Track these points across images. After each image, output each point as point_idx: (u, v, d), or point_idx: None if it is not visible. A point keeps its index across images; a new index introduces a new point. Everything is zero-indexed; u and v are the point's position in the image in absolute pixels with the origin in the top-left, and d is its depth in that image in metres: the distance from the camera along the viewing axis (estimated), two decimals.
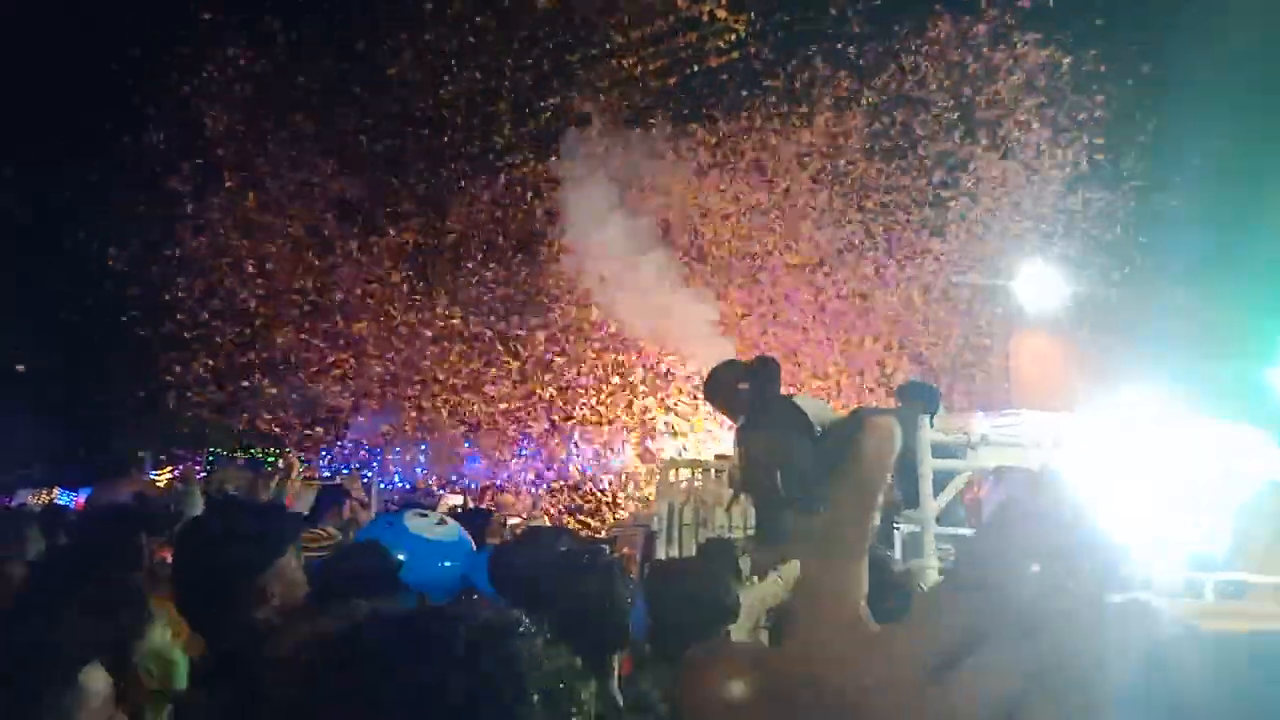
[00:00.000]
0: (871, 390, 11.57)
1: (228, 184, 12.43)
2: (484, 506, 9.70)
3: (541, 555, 2.55)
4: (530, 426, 11.76)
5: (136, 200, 12.42)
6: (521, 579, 2.50)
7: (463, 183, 12.27)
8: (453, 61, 12.32)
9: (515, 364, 11.81)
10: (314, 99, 12.32)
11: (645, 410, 11.38)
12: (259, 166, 12.45)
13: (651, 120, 11.49)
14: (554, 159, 11.54)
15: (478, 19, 12.13)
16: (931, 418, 5.12)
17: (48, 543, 3.52)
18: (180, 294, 12.87)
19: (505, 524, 7.14)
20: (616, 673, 2.44)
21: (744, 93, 11.75)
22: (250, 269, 12.70)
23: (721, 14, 11.52)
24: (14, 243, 15.68)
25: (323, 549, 3.82)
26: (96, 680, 1.69)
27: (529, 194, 11.99)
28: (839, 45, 11.95)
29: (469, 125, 12.42)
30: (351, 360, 12.79)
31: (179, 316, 12.88)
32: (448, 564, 3.74)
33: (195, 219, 12.59)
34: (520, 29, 12.17)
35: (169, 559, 3.37)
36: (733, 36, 11.62)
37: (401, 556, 3.35)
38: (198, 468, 14.57)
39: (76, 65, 14.09)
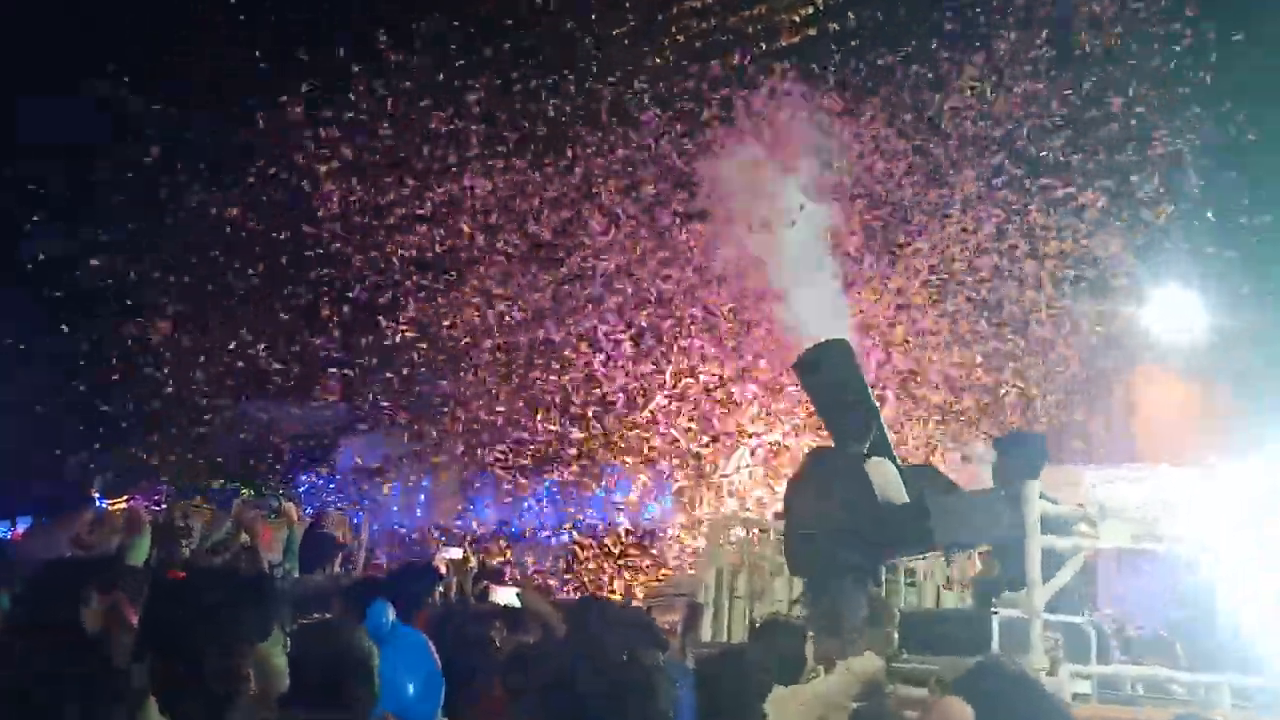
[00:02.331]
0: (972, 425, 11.49)
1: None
2: (493, 564, 9.68)
3: (573, 665, 2.56)
4: (552, 463, 11.77)
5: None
6: (544, 694, 2.53)
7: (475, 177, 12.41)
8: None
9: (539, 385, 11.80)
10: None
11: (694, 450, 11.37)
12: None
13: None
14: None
15: None
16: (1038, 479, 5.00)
17: None
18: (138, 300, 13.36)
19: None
20: None
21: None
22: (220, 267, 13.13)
23: None
24: None
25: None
26: None
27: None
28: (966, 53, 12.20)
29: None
30: (344, 376, 12.85)
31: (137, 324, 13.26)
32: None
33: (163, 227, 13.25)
34: None
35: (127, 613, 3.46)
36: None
37: None
38: (157, 499, 14.78)
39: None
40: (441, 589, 6.15)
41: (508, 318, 11.81)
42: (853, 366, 5.90)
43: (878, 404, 6.24)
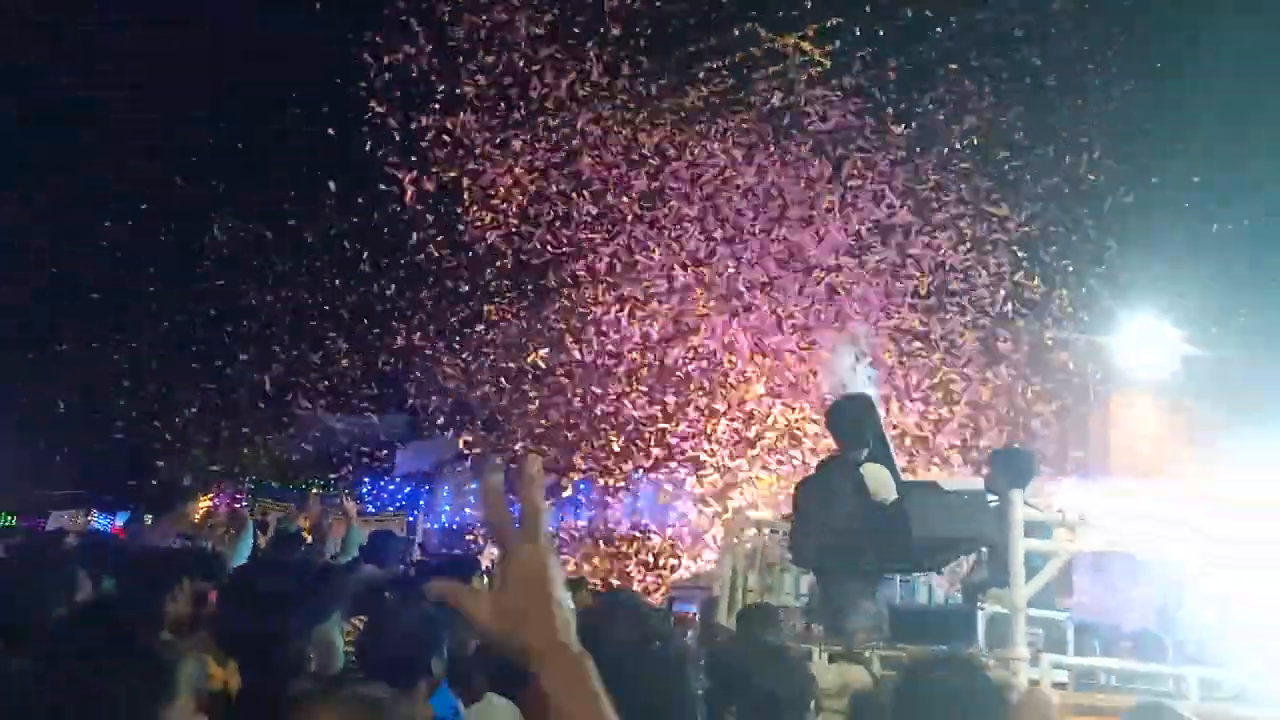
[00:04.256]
0: (955, 448, 11.34)
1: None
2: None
3: (605, 655, 2.53)
4: (588, 466, 11.61)
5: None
6: None
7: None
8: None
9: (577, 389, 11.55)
10: None
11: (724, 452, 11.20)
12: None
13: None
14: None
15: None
16: (1025, 489, 4.98)
17: (93, 583, 3.62)
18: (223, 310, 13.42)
19: None
20: None
21: (827, 130, 11.71)
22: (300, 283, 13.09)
23: (806, 46, 11.45)
24: (58, 252, 16.47)
25: None
26: None
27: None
28: (929, 80, 11.99)
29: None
30: (406, 386, 12.88)
31: (223, 335, 13.36)
32: None
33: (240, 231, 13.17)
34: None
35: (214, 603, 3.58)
36: (817, 70, 11.52)
37: None
38: (238, 496, 14.99)
39: None
40: (488, 582, 6.11)
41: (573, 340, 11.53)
42: (870, 405, 5.91)
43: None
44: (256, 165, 13.46)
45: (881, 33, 11.62)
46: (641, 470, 11.30)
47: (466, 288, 12.11)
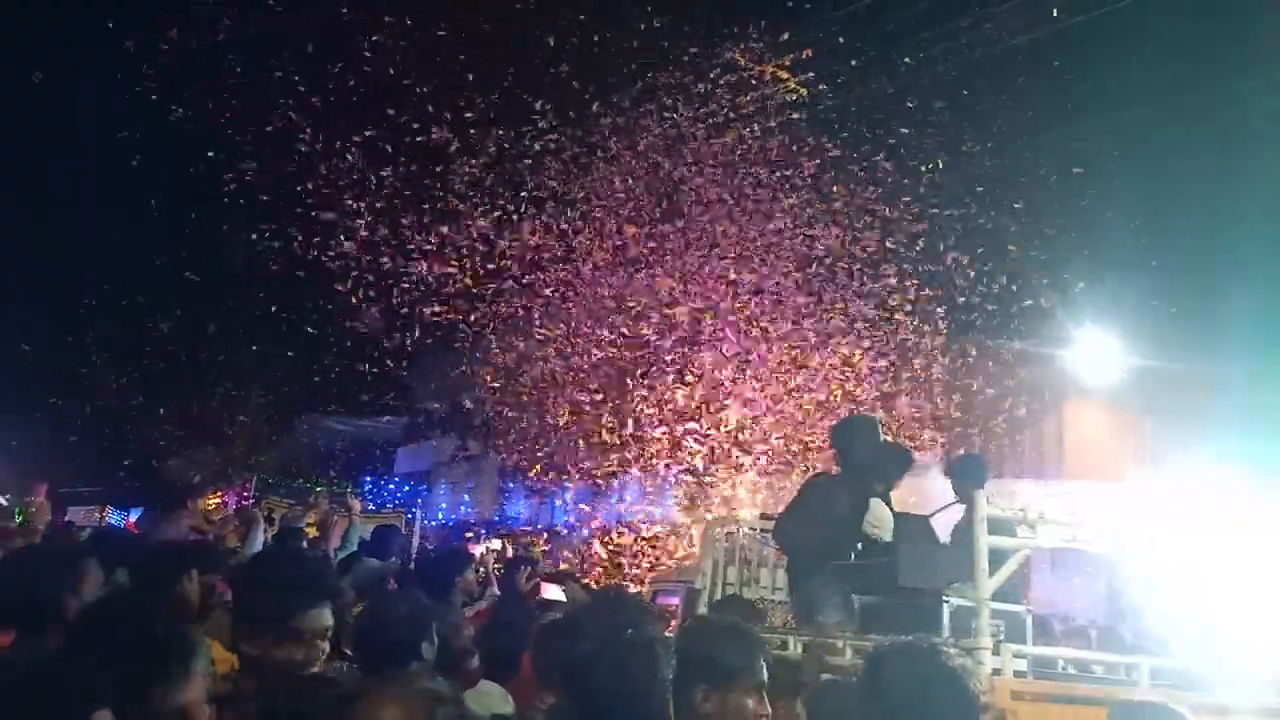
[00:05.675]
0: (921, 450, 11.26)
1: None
2: (521, 554, 9.59)
3: (583, 643, 2.54)
4: (578, 470, 11.48)
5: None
6: (563, 665, 2.52)
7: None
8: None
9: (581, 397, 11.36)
10: None
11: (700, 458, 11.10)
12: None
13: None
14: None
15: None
16: (984, 489, 4.93)
17: (106, 576, 3.55)
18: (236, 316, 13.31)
19: (537, 578, 6.92)
20: None
21: (797, 155, 11.63)
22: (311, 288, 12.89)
23: (783, 74, 11.41)
24: (81, 256, 16.23)
25: None
26: None
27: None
28: (899, 110, 11.92)
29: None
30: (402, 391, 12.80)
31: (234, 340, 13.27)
32: None
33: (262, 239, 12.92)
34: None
35: (225, 593, 3.65)
36: (793, 97, 11.49)
37: None
38: (246, 494, 14.90)
39: None
40: (483, 573, 6.08)
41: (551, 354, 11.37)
42: (878, 435, 5.89)
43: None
44: (258, 184, 13.23)
45: (854, 63, 11.61)
46: (631, 473, 11.19)
47: (461, 300, 11.98)
